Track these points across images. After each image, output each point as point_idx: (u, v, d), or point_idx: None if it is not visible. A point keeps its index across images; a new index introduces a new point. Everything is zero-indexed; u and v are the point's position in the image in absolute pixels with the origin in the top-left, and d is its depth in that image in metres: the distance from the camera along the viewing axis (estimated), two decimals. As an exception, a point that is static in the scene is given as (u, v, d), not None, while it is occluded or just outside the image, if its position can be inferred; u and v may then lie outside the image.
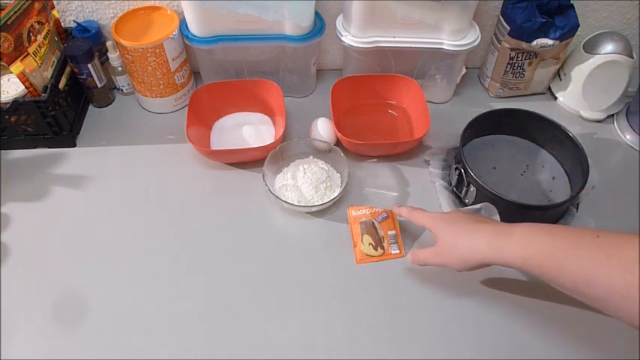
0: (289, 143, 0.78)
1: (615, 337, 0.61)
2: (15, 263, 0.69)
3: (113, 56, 0.84)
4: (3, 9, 0.72)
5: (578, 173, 0.73)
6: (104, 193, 0.77)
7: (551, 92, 0.94)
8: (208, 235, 0.72)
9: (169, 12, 0.83)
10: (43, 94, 0.77)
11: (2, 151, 0.82)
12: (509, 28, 0.82)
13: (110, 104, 0.91)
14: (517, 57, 0.85)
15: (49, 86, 0.77)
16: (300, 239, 0.72)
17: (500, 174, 0.79)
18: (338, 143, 0.81)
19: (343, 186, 0.75)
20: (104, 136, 0.85)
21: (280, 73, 0.90)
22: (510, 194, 0.68)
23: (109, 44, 0.83)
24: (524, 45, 0.82)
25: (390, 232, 0.71)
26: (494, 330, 0.63)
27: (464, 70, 0.89)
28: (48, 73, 0.79)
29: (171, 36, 0.79)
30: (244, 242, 0.72)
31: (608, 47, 0.83)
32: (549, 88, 0.94)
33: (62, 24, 0.87)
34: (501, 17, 0.84)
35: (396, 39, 0.82)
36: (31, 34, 0.76)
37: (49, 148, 0.82)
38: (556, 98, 0.93)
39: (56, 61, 0.81)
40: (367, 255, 0.70)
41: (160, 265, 0.69)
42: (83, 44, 0.80)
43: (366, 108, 0.89)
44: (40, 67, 0.77)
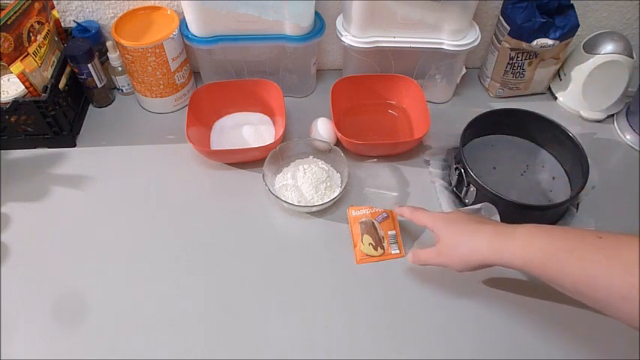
0: (289, 143, 0.78)
1: (615, 338, 0.61)
2: (15, 263, 0.69)
3: (113, 56, 0.84)
4: (3, 9, 0.72)
5: (578, 173, 0.73)
6: (104, 193, 0.77)
7: (551, 92, 0.94)
8: (208, 235, 0.72)
9: (169, 12, 0.83)
10: (43, 94, 0.77)
11: (2, 151, 0.82)
12: (509, 28, 0.82)
13: (110, 104, 0.91)
14: (517, 57, 0.85)
15: (49, 86, 0.77)
16: (300, 239, 0.72)
17: (500, 174, 0.79)
18: (338, 143, 0.81)
19: (343, 186, 0.75)
20: (104, 136, 0.85)
21: (280, 73, 0.90)
22: (510, 194, 0.68)
23: (109, 44, 0.83)
24: (524, 45, 0.82)
25: (390, 232, 0.71)
26: (494, 330, 0.63)
27: (464, 70, 0.89)
28: (48, 73, 0.79)
29: (171, 36, 0.79)
30: (244, 242, 0.72)
31: (608, 47, 0.83)
32: (549, 88, 0.94)
33: (62, 24, 0.87)
34: (501, 17, 0.84)
35: (396, 39, 0.82)
36: (31, 34, 0.76)
37: (49, 148, 0.82)
38: (556, 98, 0.93)
39: (56, 61, 0.81)
40: (367, 255, 0.70)
41: (160, 265, 0.69)
42: (83, 44, 0.80)
43: (366, 108, 0.89)
44: (40, 67, 0.77)
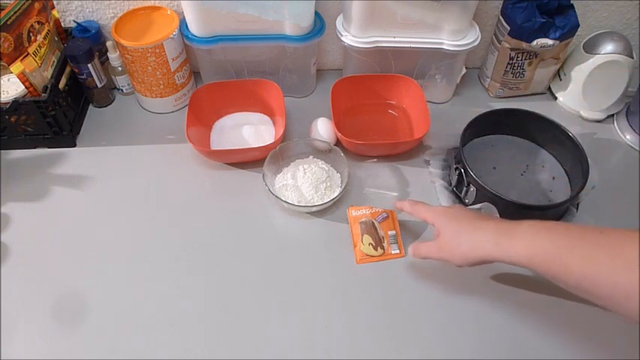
0: (289, 143, 0.78)
1: (616, 336, 0.62)
2: (15, 263, 0.69)
3: (113, 56, 0.84)
4: (3, 9, 0.72)
5: (578, 173, 0.73)
6: (104, 193, 0.77)
7: (551, 92, 0.94)
8: (208, 235, 0.72)
9: (169, 12, 0.83)
10: (43, 94, 0.76)
11: (2, 151, 0.82)
12: (509, 28, 0.82)
13: (110, 104, 0.91)
14: (517, 57, 0.85)
15: (49, 86, 0.77)
16: (300, 239, 0.72)
17: (500, 174, 0.79)
18: (338, 143, 0.81)
19: (343, 186, 0.75)
20: (104, 136, 0.85)
21: (280, 73, 0.90)
22: (510, 194, 0.68)
23: (109, 44, 0.83)
24: (524, 45, 0.82)
25: (390, 232, 0.71)
26: (494, 330, 0.63)
27: (464, 70, 0.89)
28: (48, 73, 0.79)
29: (171, 36, 0.79)
30: (244, 242, 0.72)
31: (608, 47, 0.83)
32: (549, 88, 0.94)
33: (62, 24, 0.87)
34: (501, 17, 0.84)
35: (396, 39, 0.82)
36: (31, 34, 0.76)
37: (49, 148, 0.82)
38: (556, 98, 0.93)
39: (56, 61, 0.81)
40: (367, 255, 0.70)
41: (160, 265, 0.69)
42: (83, 44, 0.80)
43: (366, 108, 0.89)
44: (40, 67, 0.77)
